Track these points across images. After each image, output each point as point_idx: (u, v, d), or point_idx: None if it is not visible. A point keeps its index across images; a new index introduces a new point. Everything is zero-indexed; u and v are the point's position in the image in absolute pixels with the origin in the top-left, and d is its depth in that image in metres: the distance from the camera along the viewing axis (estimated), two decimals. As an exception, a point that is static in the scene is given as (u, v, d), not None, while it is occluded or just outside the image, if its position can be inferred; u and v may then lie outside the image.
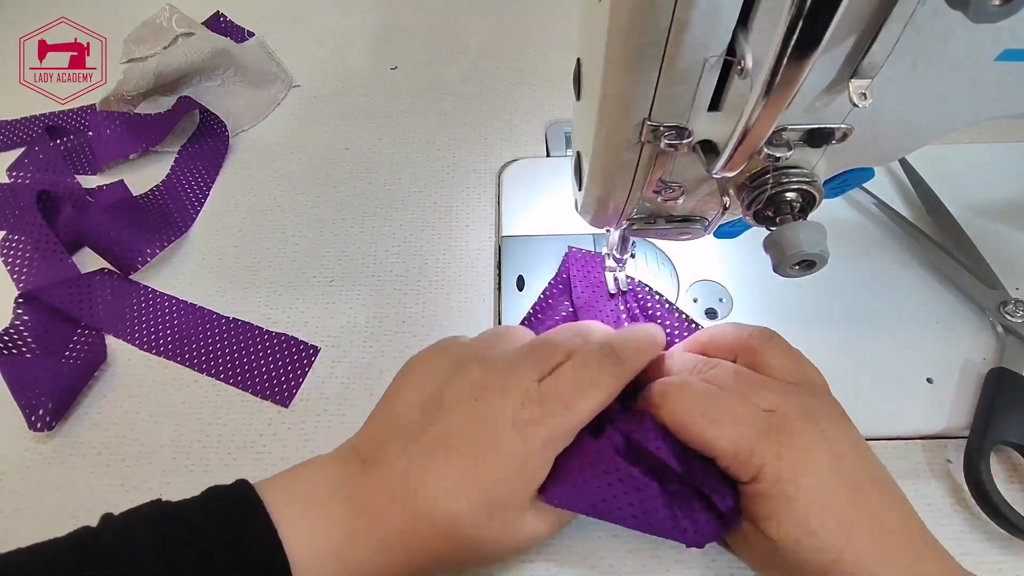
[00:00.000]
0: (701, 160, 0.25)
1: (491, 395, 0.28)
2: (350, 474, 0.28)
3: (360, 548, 0.26)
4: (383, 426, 0.30)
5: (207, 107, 0.51)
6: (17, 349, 0.39)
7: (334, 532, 0.26)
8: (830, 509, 0.26)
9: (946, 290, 0.39)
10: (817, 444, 0.27)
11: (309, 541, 0.25)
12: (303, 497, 0.27)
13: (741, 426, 0.27)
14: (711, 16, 0.20)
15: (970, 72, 0.23)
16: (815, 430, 0.27)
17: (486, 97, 0.54)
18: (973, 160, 0.45)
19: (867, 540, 0.25)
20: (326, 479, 0.28)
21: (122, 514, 0.26)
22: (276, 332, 0.41)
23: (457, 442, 0.27)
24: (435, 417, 0.28)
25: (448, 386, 0.29)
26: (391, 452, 0.28)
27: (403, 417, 0.29)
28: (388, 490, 0.27)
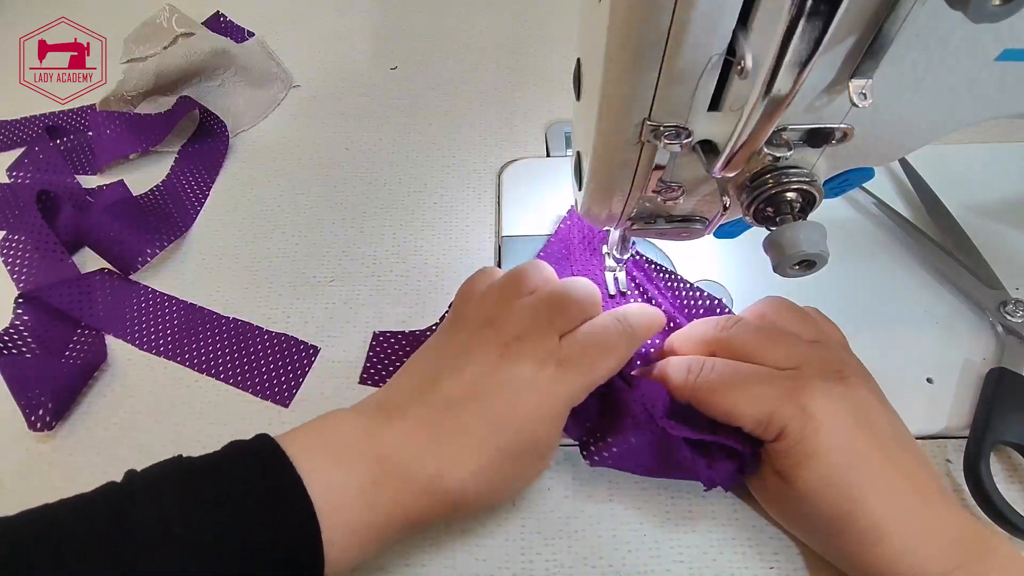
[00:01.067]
0: (701, 160, 0.25)
1: (509, 354, 0.29)
2: (374, 426, 0.28)
3: (385, 496, 0.26)
4: (408, 384, 0.31)
5: (207, 107, 0.51)
6: (17, 349, 0.39)
7: (359, 480, 0.26)
8: (849, 464, 0.27)
9: (946, 290, 0.39)
10: (837, 401, 0.28)
11: (334, 489, 0.26)
12: (327, 448, 0.27)
13: (762, 396, 0.29)
14: (711, 16, 0.20)
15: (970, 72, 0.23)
16: (836, 387, 0.28)
17: (486, 97, 0.54)
18: (973, 160, 0.45)
19: (883, 494, 0.27)
20: (350, 430, 0.28)
21: (146, 469, 0.26)
22: (276, 332, 0.41)
23: (479, 400, 0.28)
24: (458, 376, 0.29)
25: (468, 348, 0.30)
26: (414, 407, 0.28)
27: (427, 376, 0.30)
28: (412, 441, 0.27)
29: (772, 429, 0.28)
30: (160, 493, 0.25)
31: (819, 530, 0.29)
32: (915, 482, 0.27)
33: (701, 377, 0.30)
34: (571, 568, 0.32)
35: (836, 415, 0.28)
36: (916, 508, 0.27)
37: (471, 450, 0.27)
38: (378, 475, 0.26)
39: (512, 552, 0.32)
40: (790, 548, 0.32)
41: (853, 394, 0.29)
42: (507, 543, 0.33)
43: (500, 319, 0.30)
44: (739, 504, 0.33)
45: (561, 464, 0.35)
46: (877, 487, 0.27)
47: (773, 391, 0.29)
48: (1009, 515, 0.30)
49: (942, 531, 0.26)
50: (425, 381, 0.30)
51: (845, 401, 0.28)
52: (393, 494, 0.27)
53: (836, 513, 0.27)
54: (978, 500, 0.31)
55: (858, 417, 0.28)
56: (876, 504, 0.27)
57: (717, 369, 0.30)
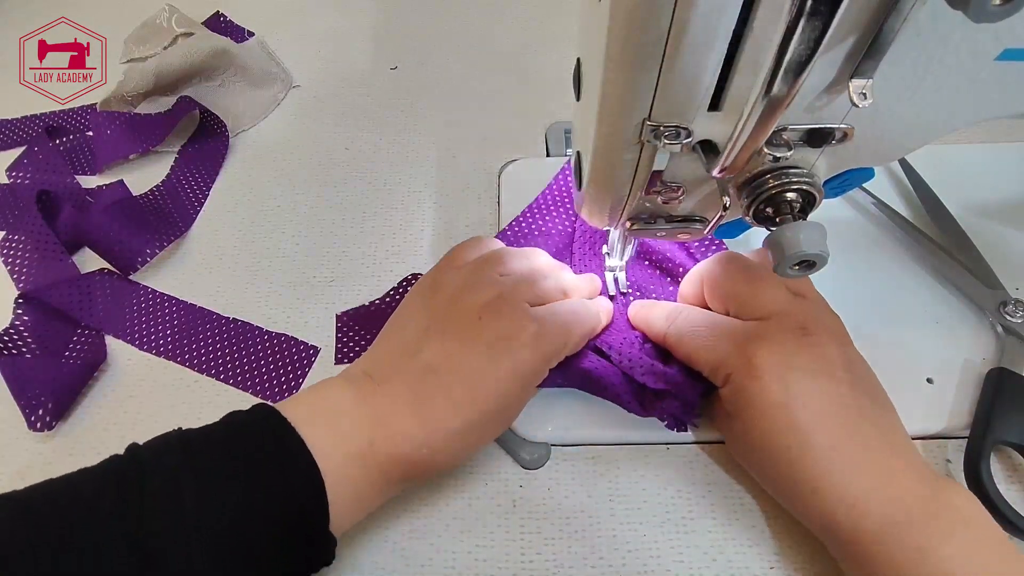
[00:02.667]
0: (701, 160, 0.25)
1: (489, 314, 0.30)
2: (364, 393, 0.29)
3: (381, 455, 0.28)
4: (390, 349, 0.32)
5: (207, 107, 0.51)
6: (17, 349, 0.39)
7: (357, 442, 0.28)
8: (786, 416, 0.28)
9: (946, 290, 0.39)
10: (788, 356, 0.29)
11: (334, 450, 0.27)
12: (325, 412, 0.29)
13: (716, 345, 0.31)
14: (711, 16, 0.20)
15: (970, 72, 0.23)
16: (792, 342, 0.30)
17: (486, 97, 0.54)
18: (973, 160, 0.45)
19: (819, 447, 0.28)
20: (343, 396, 0.29)
21: (149, 441, 0.27)
22: (276, 332, 0.41)
23: (462, 360, 0.29)
24: (437, 339, 0.30)
25: (451, 310, 0.31)
26: (399, 373, 0.30)
27: (408, 339, 0.31)
28: (399, 406, 0.29)
29: (719, 375, 0.31)
30: (168, 464, 0.25)
31: (763, 474, 0.31)
32: (863, 439, 0.28)
33: (674, 325, 0.33)
34: (571, 568, 0.32)
35: (781, 369, 0.29)
36: (856, 463, 0.27)
37: (452, 412, 0.29)
38: (372, 437, 0.28)
39: (512, 552, 0.32)
40: (790, 548, 0.32)
41: (812, 351, 0.29)
42: (507, 543, 0.33)
43: (478, 287, 0.32)
44: (739, 504, 0.33)
45: (561, 464, 0.35)
46: (813, 440, 0.28)
47: (727, 341, 0.31)
48: (1009, 515, 0.30)
49: (883, 487, 0.27)
50: (407, 346, 0.31)
51: (798, 356, 0.29)
52: (387, 453, 0.28)
53: (773, 459, 0.29)
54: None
55: (807, 373, 0.29)
56: (811, 457, 0.28)
57: (688, 318, 0.33)
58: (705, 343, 0.32)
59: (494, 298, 0.31)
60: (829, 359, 0.30)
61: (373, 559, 0.32)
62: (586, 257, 0.40)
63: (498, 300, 0.31)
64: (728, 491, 0.33)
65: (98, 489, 0.25)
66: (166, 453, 0.26)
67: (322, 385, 0.30)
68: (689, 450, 0.35)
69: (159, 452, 0.26)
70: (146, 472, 0.25)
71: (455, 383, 0.29)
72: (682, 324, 0.33)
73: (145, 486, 0.24)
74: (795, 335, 0.30)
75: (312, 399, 0.29)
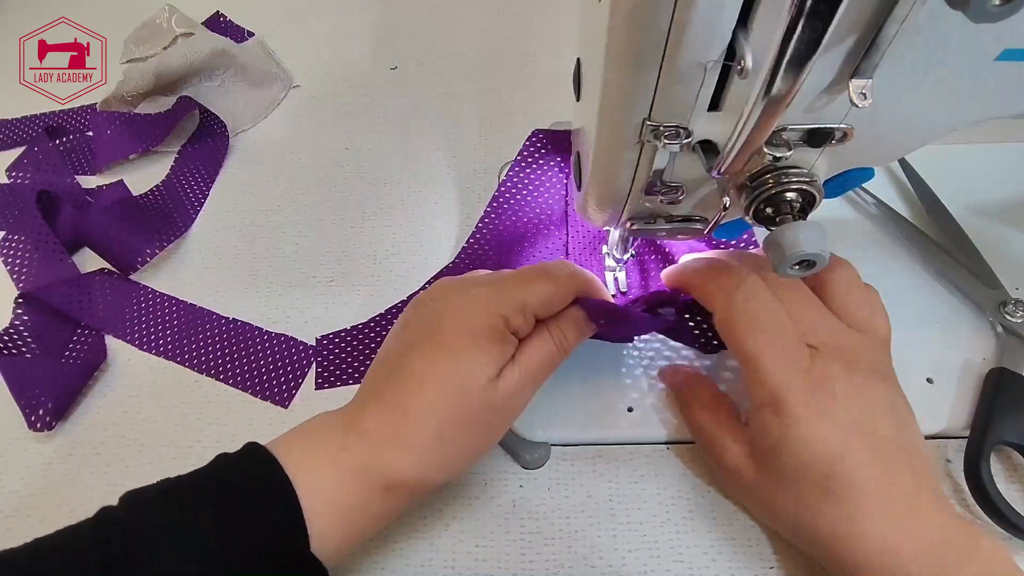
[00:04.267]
0: (701, 160, 0.25)
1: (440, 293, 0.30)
2: (353, 416, 0.29)
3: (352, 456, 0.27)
4: (377, 365, 0.31)
5: (207, 107, 0.51)
6: (17, 349, 0.39)
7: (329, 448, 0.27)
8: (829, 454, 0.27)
9: (946, 290, 0.39)
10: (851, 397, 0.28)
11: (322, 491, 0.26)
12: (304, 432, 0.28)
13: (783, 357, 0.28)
14: (711, 16, 0.20)
15: (970, 72, 0.23)
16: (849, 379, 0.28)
17: (486, 97, 0.54)
18: (973, 160, 0.45)
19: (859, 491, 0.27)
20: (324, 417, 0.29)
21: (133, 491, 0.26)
22: (275, 333, 0.41)
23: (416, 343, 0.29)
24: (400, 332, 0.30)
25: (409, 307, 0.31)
26: (369, 378, 0.30)
27: (393, 353, 0.30)
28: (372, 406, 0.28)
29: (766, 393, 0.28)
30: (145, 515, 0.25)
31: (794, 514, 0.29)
32: (901, 485, 0.27)
33: (742, 300, 0.29)
34: (571, 568, 0.32)
35: (839, 409, 0.28)
36: (896, 510, 0.27)
37: (416, 394, 0.27)
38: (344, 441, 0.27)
39: (512, 552, 0.32)
40: (790, 548, 0.32)
41: (863, 394, 0.28)
42: (507, 543, 0.33)
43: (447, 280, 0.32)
44: (739, 504, 0.33)
45: (561, 464, 0.35)
46: (853, 485, 0.27)
47: (789, 366, 0.28)
48: (1009, 515, 0.30)
49: (921, 535, 0.26)
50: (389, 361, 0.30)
51: (853, 399, 0.28)
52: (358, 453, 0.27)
53: (812, 505, 0.28)
54: (978, 500, 0.31)
55: (861, 415, 0.28)
56: (852, 497, 0.27)
57: (761, 300, 0.29)
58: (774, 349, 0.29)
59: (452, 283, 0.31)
60: (878, 403, 0.28)
61: (373, 559, 0.32)
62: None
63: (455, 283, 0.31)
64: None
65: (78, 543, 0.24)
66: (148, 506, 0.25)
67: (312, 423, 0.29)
68: (689, 450, 0.35)
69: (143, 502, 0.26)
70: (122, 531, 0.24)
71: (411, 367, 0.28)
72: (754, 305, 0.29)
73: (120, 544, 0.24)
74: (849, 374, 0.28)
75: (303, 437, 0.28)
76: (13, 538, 0.24)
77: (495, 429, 0.30)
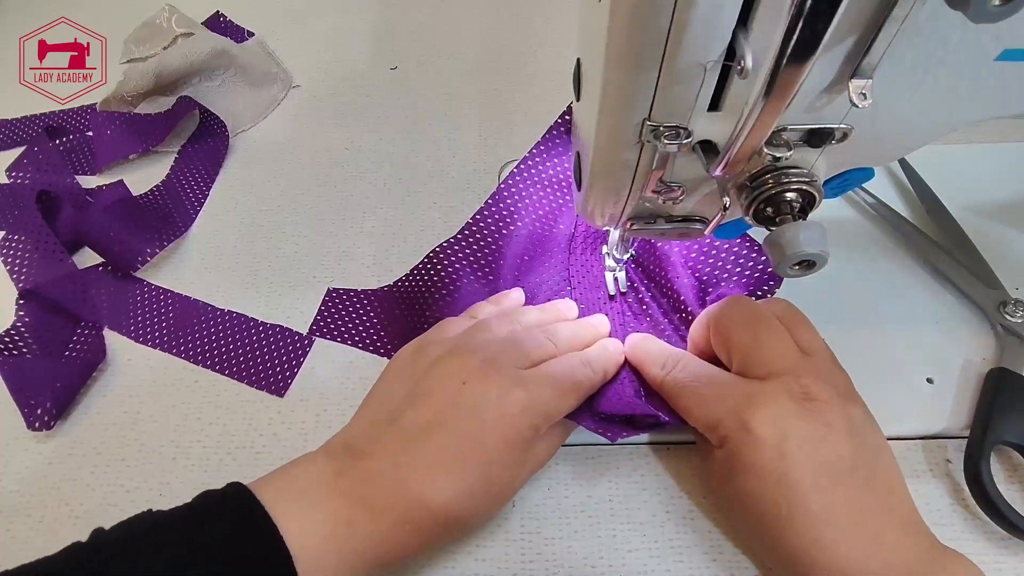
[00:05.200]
0: (701, 160, 0.25)
1: (474, 380, 0.29)
2: (343, 467, 0.28)
3: (359, 537, 0.26)
4: (372, 417, 0.30)
5: (207, 107, 0.51)
6: (17, 349, 0.39)
7: (333, 524, 0.26)
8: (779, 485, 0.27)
9: (946, 290, 0.39)
10: (787, 423, 0.28)
11: (308, 534, 0.26)
12: (299, 492, 0.27)
13: (713, 404, 0.30)
14: (711, 16, 0.20)
15: (970, 72, 0.23)
16: (792, 408, 0.28)
17: (486, 97, 0.54)
18: (973, 160, 0.45)
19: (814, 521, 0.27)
20: (320, 474, 0.28)
21: (114, 527, 0.26)
22: (270, 323, 0.41)
23: (445, 425, 0.28)
24: (422, 403, 0.29)
25: (434, 374, 0.30)
26: (381, 441, 0.29)
27: (391, 406, 0.30)
28: (382, 480, 0.27)
29: (716, 436, 0.30)
30: (131, 551, 0.24)
31: (757, 539, 0.30)
32: (859, 508, 0.27)
33: (671, 375, 0.32)
34: (571, 568, 0.32)
35: (779, 436, 0.27)
36: (852, 534, 0.26)
37: (437, 480, 0.27)
38: (350, 516, 0.27)
39: (512, 552, 0.32)
40: (790, 548, 0.31)
41: (813, 418, 0.28)
42: (507, 543, 0.33)
43: (466, 348, 0.31)
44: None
45: (561, 464, 0.35)
46: (809, 508, 0.27)
47: (725, 401, 0.29)
48: (1009, 515, 0.30)
49: (883, 558, 0.26)
50: (389, 411, 0.30)
51: (798, 423, 0.28)
52: (367, 532, 0.27)
53: (766, 526, 0.28)
54: (978, 500, 0.31)
55: (806, 441, 0.27)
56: (804, 525, 0.27)
57: (687, 368, 0.32)
58: (703, 400, 0.30)
59: (480, 363, 0.30)
60: (831, 426, 0.28)
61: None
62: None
63: (484, 365, 0.29)
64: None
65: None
66: (129, 542, 0.25)
67: (301, 461, 0.29)
68: (689, 450, 0.35)
69: (123, 539, 0.25)
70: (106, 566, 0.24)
71: (438, 448, 0.28)
72: (679, 375, 0.32)
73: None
74: (797, 400, 0.28)
75: (289, 477, 0.28)
76: (13, 538, 0.25)
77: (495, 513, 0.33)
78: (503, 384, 0.29)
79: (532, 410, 0.29)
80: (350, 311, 0.41)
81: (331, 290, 0.42)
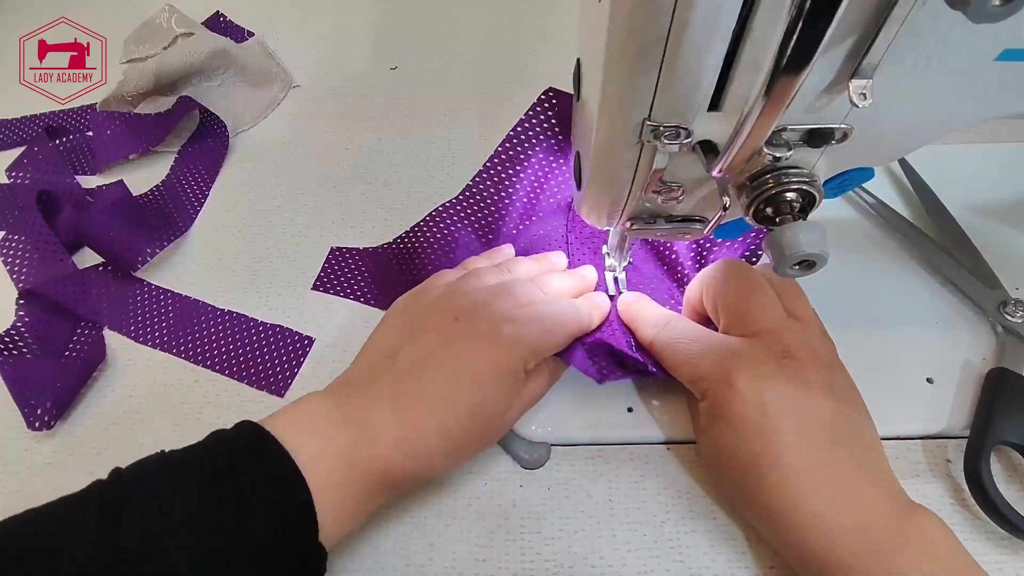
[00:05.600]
0: (701, 160, 0.25)
1: (466, 316, 0.31)
2: (344, 401, 0.29)
3: (363, 460, 0.28)
4: (370, 357, 0.32)
5: (207, 107, 0.51)
6: (17, 349, 0.39)
7: (338, 449, 0.28)
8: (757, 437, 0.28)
9: (946, 290, 0.39)
10: (766, 379, 0.29)
11: (318, 458, 0.27)
12: (306, 423, 0.29)
13: (697, 360, 0.31)
14: (711, 16, 0.20)
15: (970, 72, 0.23)
16: (772, 365, 0.30)
17: (486, 97, 0.54)
18: (973, 160, 0.45)
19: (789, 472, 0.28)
20: (324, 406, 0.29)
21: (131, 465, 0.27)
22: (271, 323, 0.41)
23: (438, 358, 0.30)
24: (417, 340, 0.31)
25: (428, 315, 0.32)
26: (379, 375, 0.30)
27: (388, 347, 0.31)
28: (379, 405, 0.29)
29: (698, 389, 0.31)
30: (152, 488, 0.25)
31: (736, 492, 0.31)
32: (835, 463, 0.28)
33: (661, 333, 0.33)
34: (571, 568, 0.32)
35: (758, 389, 0.29)
36: (827, 488, 0.27)
37: (431, 408, 0.29)
38: (354, 440, 0.28)
39: (512, 552, 0.32)
40: (790, 548, 0.32)
41: (792, 374, 0.29)
42: (507, 543, 0.33)
43: (459, 292, 0.33)
44: (739, 504, 0.33)
45: (561, 464, 0.35)
46: (783, 461, 0.28)
47: (710, 356, 0.31)
48: (1009, 515, 0.30)
49: (853, 514, 0.27)
50: (387, 351, 0.31)
51: (776, 378, 0.29)
52: (370, 457, 0.28)
53: (744, 477, 0.29)
54: (978, 500, 0.31)
55: (784, 395, 0.29)
56: (781, 477, 0.28)
57: (676, 328, 0.33)
58: (689, 356, 0.32)
59: (471, 303, 0.31)
60: (809, 383, 0.29)
61: (373, 559, 0.32)
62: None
63: (475, 304, 0.31)
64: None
65: (79, 517, 0.24)
66: (149, 476, 0.26)
67: (307, 398, 0.30)
68: (689, 450, 0.35)
69: (141, 476, 0.26)
70: (128, 496, 0.25)
71: (432, 379, 0.29)
72: (670, 333, 0.33)
73: (128, 511, 0.24)
74: (777, 357, 0.30)
75: (293, 412, 0.29)
76: (13, 538, 0.24)
77: (490, 443, 0.34)
78: (492, 320, 0.31)
79: (521, 344, 0.30)
80: (352, 268, 0.43)
81: (334, 249, 0.44)
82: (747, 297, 0.32)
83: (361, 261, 0.44)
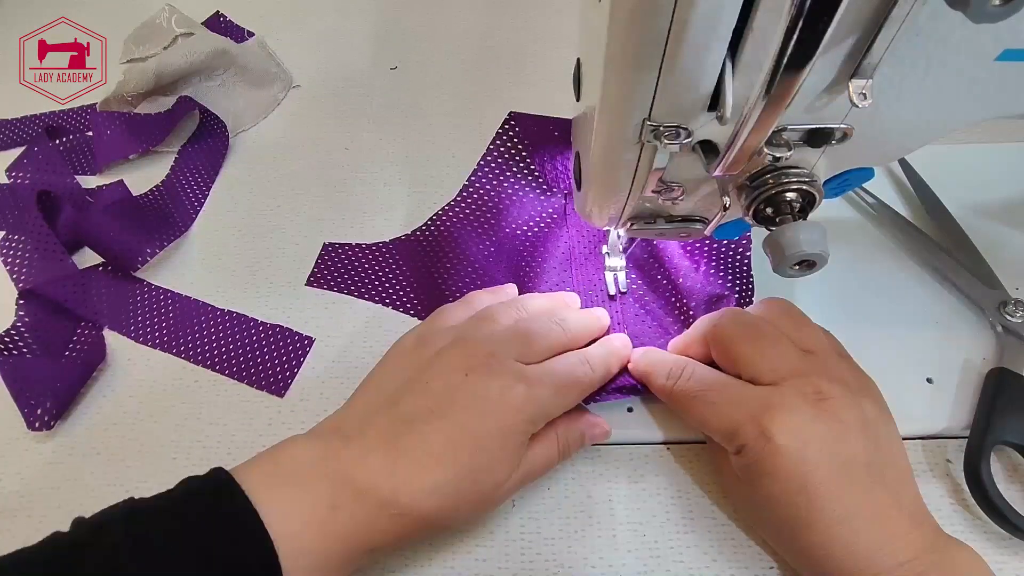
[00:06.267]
0: (701, 160, 0.25)
1: (477, 372, 0.29)
2: (331, 449, 0.28)
3: (342, 521, 0.26)
4: (367, 402, 0.30)
5: (207, 107, 0.51)
6: (17, 349, 0.39)
7: (315, 507, 0.26)
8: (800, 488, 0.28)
9: (946, 290, 0.39)
10: (803, 426, 0.28)
11: (291, 518, 0.25)
12: (283, 476, 0.27)
13: (728, 413, 0.30)
14: (711, 16, 0.20)
15: (970, 72, 0.23)
16: (807, 411, 0.28)
17: (486, 97, 0.54)
18: (973, 160, 0.45)
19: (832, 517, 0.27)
20: (306, 456, 0.28)
21: (94, 515, 0.26)
22: (271, 323, 0.41)
23: (442, 414, 0.28)
24: (422, 391, 0.29)
25: (437, 364, 0.30)
26: (375, 424, 0.28)
27: (389, 392, 0.30)
28: (370, 460, 0.27)
29: (734, 444, 0.29)
30: (110, 541, 0.24)
31: (776, 539, 0.31)
32: (874, 504, 0.27)
33: (679, 384, 0.32)
34: (571, 568, 0.32)
35: (799, 445, 0.28)
36: (869, 531, 0.27)
37: (428, 465, 0.27)
38: (334, 499, 0.26)
39: (512, 552, 0.32)
40: (790, 548, 0.31)
41: (828, 417, 0.28)
42: (507, 543, 0.33)
43: (471, 339, 0.31)
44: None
45: (561, 464, 0.35)
46: (827, 513, 0.27)
47: (740, 409, 0.29)
48: (1009, 515, 0.30)
49: (894, 553, 0.26)
50: (386, 396, 0.30)
51: (814, 425, 0.28)
52: (351, 517, 0.26)
53: (787, 527, 0.28)
54: (978, 500, 0.31)
55: (824, 442, 0.28)
56: (821, 529, 0.27)
57: (696, 377, 0.32)
58: (716, 410, 0.30)
59: (484, 356, 0.30)
60: (845, 423, 0.28)
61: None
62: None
63: (488, 358, 0.29)
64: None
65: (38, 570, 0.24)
66: (108, 528, 0.25)
67: (287, 444, 0.28)
68: (689, 450, 0.35)
69: (101, 528, 0.25)
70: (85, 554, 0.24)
71: (433, 435, 0.28)
72: (690, 385, 0.32)
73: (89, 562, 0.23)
74: (812, 402, 0.29)
75: (273, 461, 0.28)
76: (13, 538, 0.25)
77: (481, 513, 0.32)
78: (505, 379, 0.29)
79: (531, 405, 0.29)
80: (345, 263, 0.43)
81: (327, 244, 0.44)
82: (759, 348, 0.31)
83: (354, 256, 0.44)
